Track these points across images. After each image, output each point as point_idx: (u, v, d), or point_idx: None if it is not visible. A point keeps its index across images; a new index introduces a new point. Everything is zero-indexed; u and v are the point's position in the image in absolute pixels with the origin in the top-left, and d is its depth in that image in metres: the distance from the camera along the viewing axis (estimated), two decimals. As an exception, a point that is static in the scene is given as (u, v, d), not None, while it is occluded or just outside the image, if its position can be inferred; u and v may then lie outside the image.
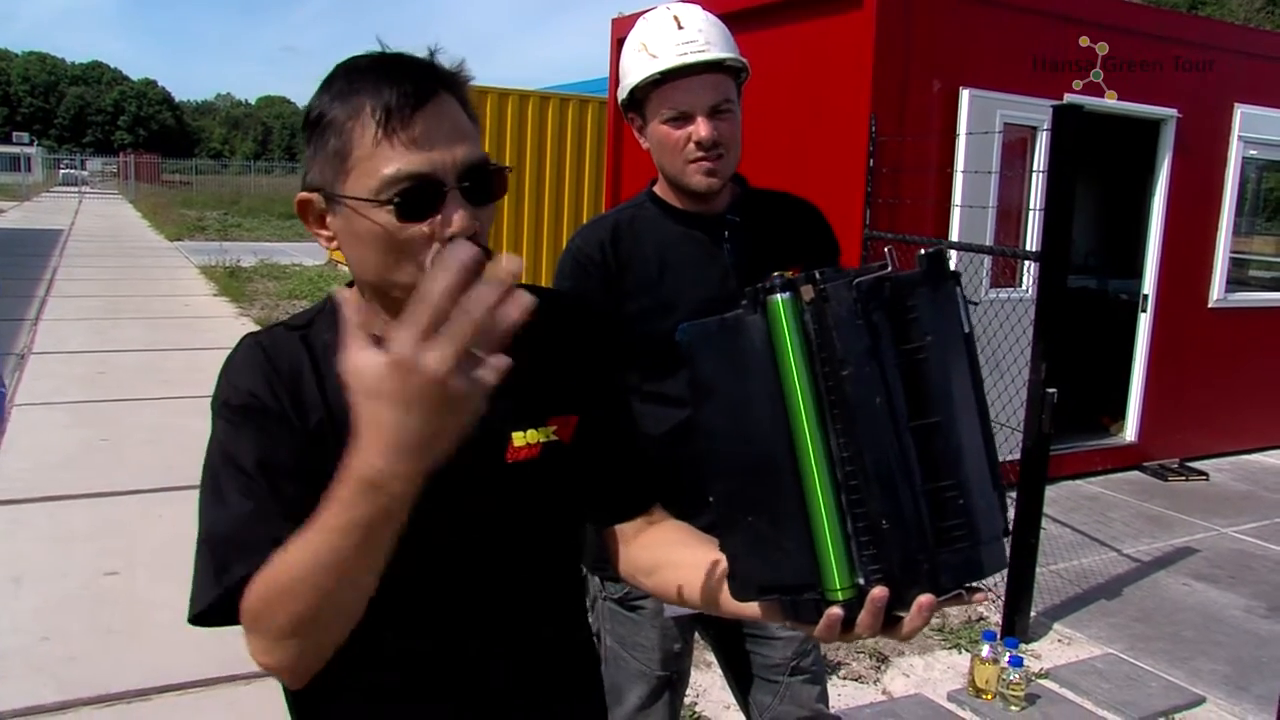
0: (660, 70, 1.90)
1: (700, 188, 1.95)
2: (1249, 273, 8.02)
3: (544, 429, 1.25)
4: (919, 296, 0.93)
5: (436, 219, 1.08)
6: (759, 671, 2.11)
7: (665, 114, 1.93)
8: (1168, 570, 5.17)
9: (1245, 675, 3.97)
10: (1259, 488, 6.76)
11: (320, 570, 0.96)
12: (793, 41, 5.81)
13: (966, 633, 4.20)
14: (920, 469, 0.92)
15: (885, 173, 5.40)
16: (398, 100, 1.06)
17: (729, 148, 1.93)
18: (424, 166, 1.06)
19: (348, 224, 1.12)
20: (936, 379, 0.93)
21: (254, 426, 1.15)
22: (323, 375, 1.18)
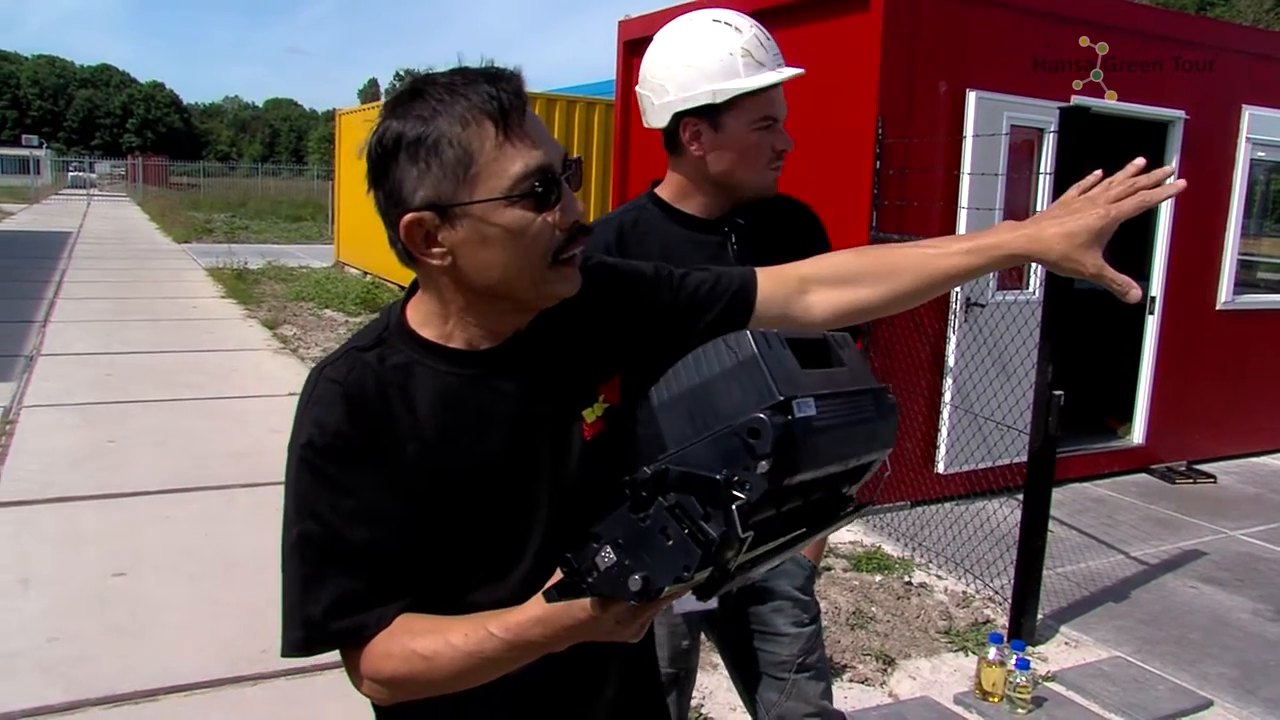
0: (773, 81, 1.98)
1: (771, 191, 2.06)
2: (1257, 275, 7.99)
3: (600, 404, 1.29)
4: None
5: (558, 208, 1.16)
6: (766, 669, 2.12)
7: (760, 122, 1.99)
8: (1175, 573, 5.15)
9: (1253, 678, 3.95)
10: (1267, 490, 6.74)
11: (467, 675, 1.12)
12: (800, 43, 5.81)
13: (973, 635, 4.20)
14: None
15: (892, 174, 5.39)
16: (510, 103, 1.13)
17: None
18: (546, 159, 1.15)
19: (475, 231, 1.16)
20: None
21: (340, 469, 1.17)
22: (412, 399, 1.21)
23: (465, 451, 1.20)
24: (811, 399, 0.97)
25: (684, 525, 0.90)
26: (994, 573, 4.69)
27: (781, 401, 0.93)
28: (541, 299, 1.22)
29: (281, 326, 11.21)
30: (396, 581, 1.17)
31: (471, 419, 1.21)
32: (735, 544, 0.90)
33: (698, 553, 0.89)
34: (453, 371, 1.22)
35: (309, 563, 1.17)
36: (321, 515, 1.16)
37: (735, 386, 0.96)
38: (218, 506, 5.39)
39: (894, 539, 5.31)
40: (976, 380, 5.53)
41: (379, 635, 1.16)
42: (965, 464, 5.79)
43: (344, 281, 15.12)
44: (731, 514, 0.89)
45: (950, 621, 4.35)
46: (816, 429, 0.96)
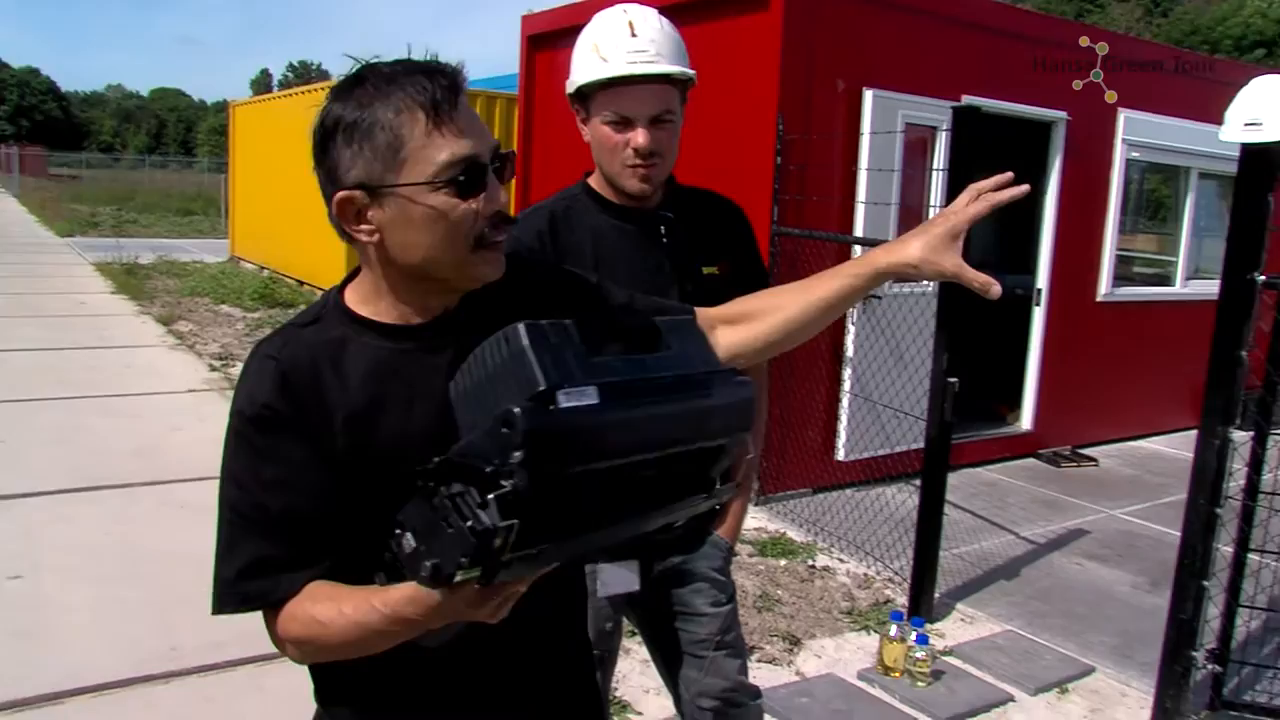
0: (608, 76, 1.95)
1: (633, 191, 2.03)
2: (1134, 269, 8.40)
3: None
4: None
5: (481, 197, 1.22)
6: (686, 647, 2.19)
7: (607, 116, 1.99)
8: (1061, 551, 5.43)
9: (1131, 646, 4.20)
10: (1144, 472, 7.12)
11: (359, 644, 1.18)
12: (701, 41, 5.88)
13: (875, 614, 4.36)
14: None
15: (792, 170, 5.54)
16: (442, 95, 1.19)
17: (665, 156, 2.00)
18: (471, 149, 1.21)
19: (400, 212, 1.22)
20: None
21: (264, 441, 1.24)
22: (344, 372, 1.27)
23: (393, 422, 1.26)
24: (593, 388, 0.99)
25: (463, 514, 0.94)
26: (893, 555, 4.87)
27: (543, 392, 0.95)
28: (464, 280, 1.29)
29: (176, 323, 10.90)
30: (311, 548, 1.24)
31: (401, 391, 1.28)
32: (501, 533, 0.92)
33: (472, 541, 0.93)
34: (384, 345, 1.29)
35: (230, 526, 1.26)
36: (243, 482, 1.25)
37: (510, 378, 0.99)
38: (119, 505, 5.26)
39: (797, 525, 5.46)
40: (874, 370, 5.72)
41: (292, 601, 1.23)
42: (864, 451, 5.99)
43: (240, 276, 14.76)
44: (490, 506, 0.92)
45: (853, 602, 4.51)
46: (592, 418, 0.97)
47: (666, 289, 2.03)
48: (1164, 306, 7.87)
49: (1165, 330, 7.63)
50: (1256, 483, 3.64)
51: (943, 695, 3.73)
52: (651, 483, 1.09)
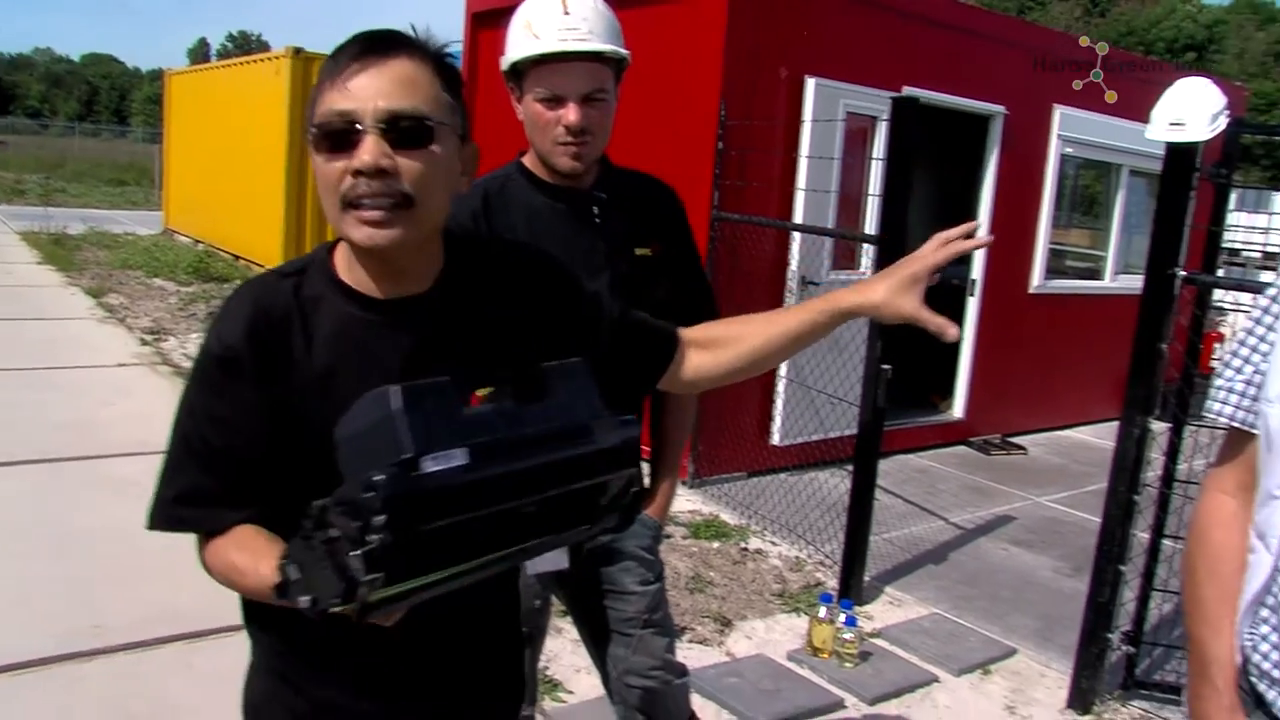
0: (540, 53, 1.96)
1: (564, 169, 2.03)
2: (1066, 262, 8.58)
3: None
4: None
5: (352, 155, 1.21)
6: (614, 626, 2.21)
7: (539, 93, 1.99)
8: (988, 536, 5.55)
9: (1051, 628, 4.32)
10: (1070, 460, 7.31)
11: (263, 599, 1.19)
12: (646, 24, 5.91)
13: (805, 596, 4.43)
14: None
15: (733, 155, 5.57)
16: (346, 58, 1.22)
17: (596, 134, 2.01)
18: (347, 106, 1.21)
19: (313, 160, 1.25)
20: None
21: (221, 379, 1.28)
22: (310, 329, 1.29)
23: (344, 390, 1.25)
24: (462, 450, 1.03)
25: (335, 561, 0.99)
26: (825, 538, 4.94)
27: (407, 460, 1.00)
28: (346, 239, 1.29)
29: (107, 295, 10.64)
30: (244, 491, 1.28)
31: (360, 360, 1.29)
32: (366, 584, 0.98)
33: (341, 586, 0.99)
34: (353, 312, 1.31)
35: (175, 450, 1.32)
36: (195, 412, 1.31)
37: (381, 440, 1.03)
38: (45, 481, 5.14)
39: (731, 508, 5.52)
40: (810, 356, 5.79)
41: (222, 536, 1.29)
42: (799, 436, 6.06)
43: (174, 250, 14.45)
44: (356, 559, 0.98)
45: (784, 584, 4.58)
46: (457, 479, 1.02)
47: (600, 270, 2.04)
48: (1094, 300, 8.06)
49: (1094, 323, 7.81)
50: (1172, 471, 3.76)
51: (869, 676, 3.81)
52: (533, 518, 1.14)
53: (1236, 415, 1.44)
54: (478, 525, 1.06)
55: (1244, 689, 1.39)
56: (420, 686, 1.40)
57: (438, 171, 1.26)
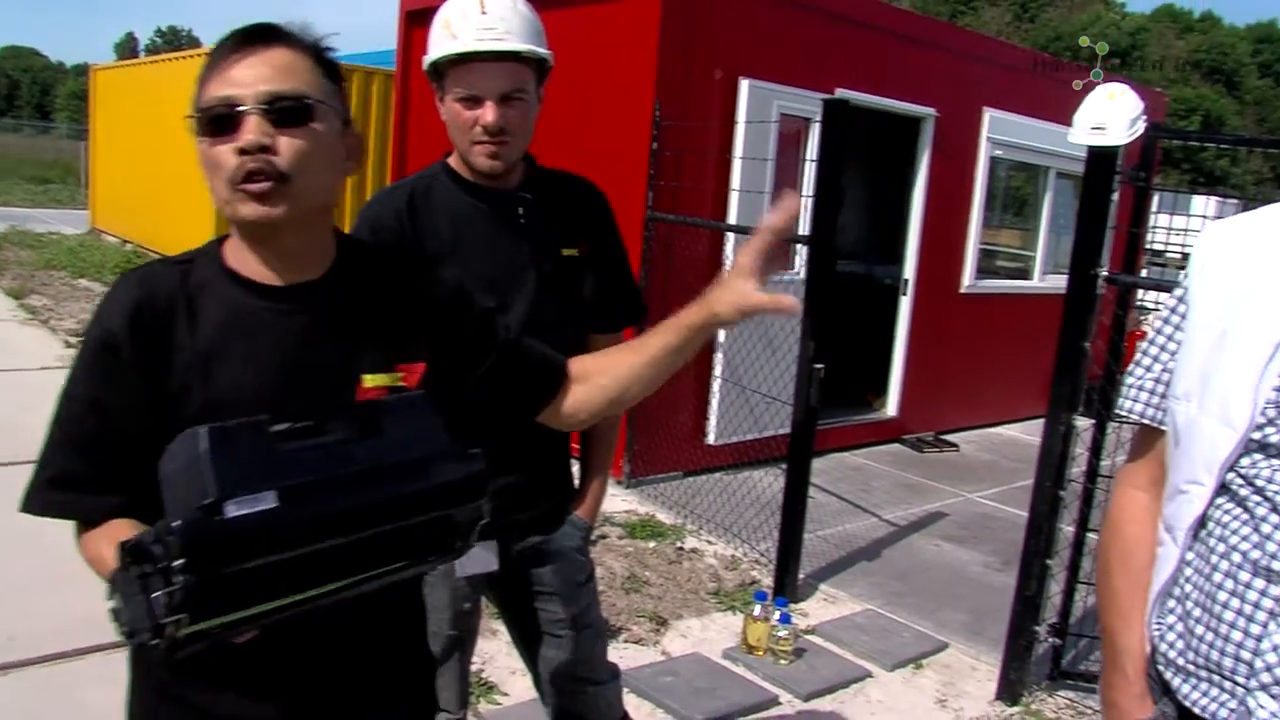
0: (456, 52, 1.95)
1: (483, 169, 2.03)
2: (997, 262, 8.73)
3: (392, 374, 1.38)
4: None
5: (233, 138, 1.24)
6: (545, 627, 2.20)
7: (458, 93, 1.99)
8: (921, 533, 5.63)
9: (981, 622, 4.39)
10: (1000, 457, 7.44)
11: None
12: (581, 25, 5.91)
13: (741, 595, 4.45)
14: None
15: (668, 156, 5.58)
16: (226, 50, 1.26)
17: (516, 134, 2.00)
18: (227, 91, 1.24)
19: (197, 146, 1.27)
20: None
21: (101, 365, 1.29)
22: (196, 314, 1.30)
23: (228, 374, 1.29)
24: (272, 492, 1.04)
25: (146, 598, 1.00)
26: (760, 537, 4.97)
27: (210, 504, 1.01)
28: (235, 221, 1.31)
29: (29, 296, 10.35)
30: (118, 477, 1.28)
31: (245, 347, 1.30)
32: (171, 624, 0.99)
33: (149, 623, 1.00)
34: (241, 298, 1.32)
35: (53, 434, 1.33)
36: (74, 395, 1.32)
37: (190, 481, 1.05)
38: (-43, 488, 4.98)
39: (667, 507, 5.53)
40: (744, 355, 5.82)
41: (98, 528, 1.29)
42: (734, 435, 6.10)
43: (101, 250, 14.10)
44: (157, 600, 0.99)
45: (719, 583, 4.59)
46: (263, 522, 1.03)
47: (524, 270, 2.03)
48: (1023, 299, 8.21)
49: (1023, 322, 7.96)
50: (1096, 467, 3.85)
51: (804, 672, 3.84)
52: (372, 550, 1.14)
53: (1146, 412, 1.47)
54: (302, 561, 1.06)
55: (1152, 677, 1.43)
56: (314, 696, 1.38)
57: (319, 149, 1.29)
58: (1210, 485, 1.30)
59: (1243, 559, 1.27)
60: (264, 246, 1.32)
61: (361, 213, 2.10)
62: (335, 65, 1.36)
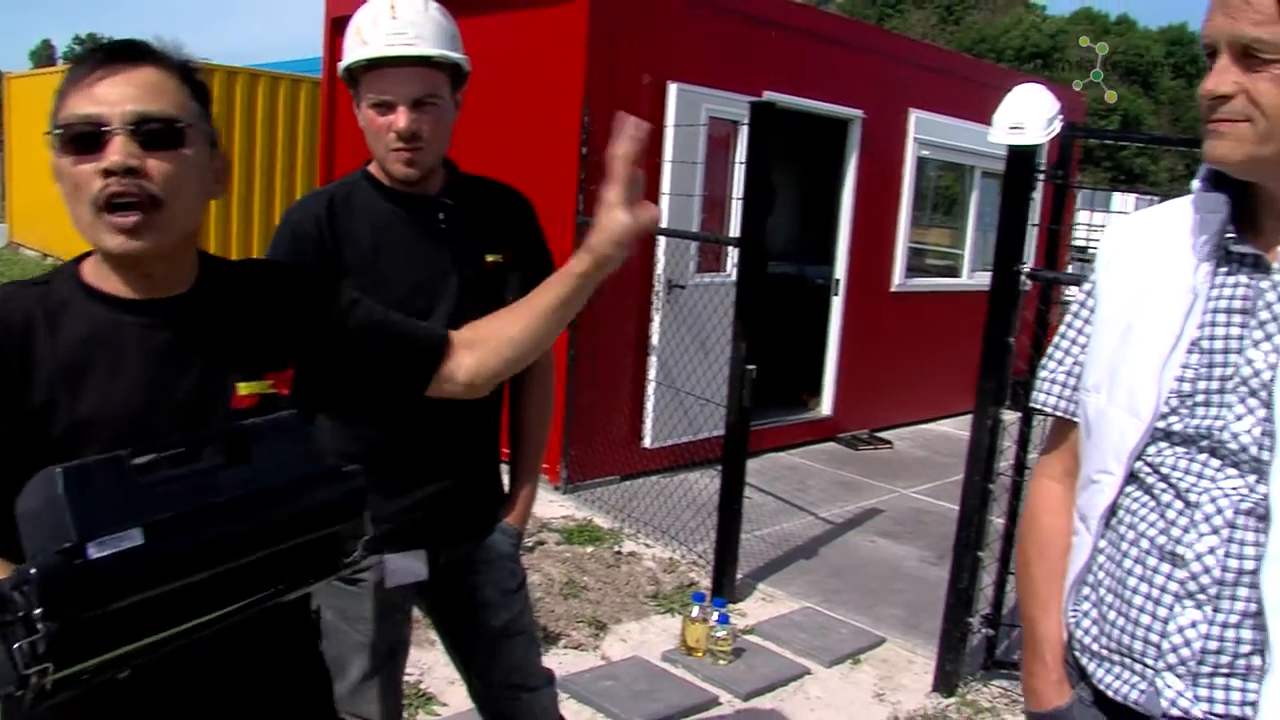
0: (367, 58, 1.95)
1: (398, 175, 2.02)
2: (927, 261, 8.87)
3: (262, 383, 1.35)
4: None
5: (97, 159, 1.21)
6: (477, 635, 2.18)
7: (371, 99, 1.98)
8: (857, 530, 5.69)
9: (917, 616, 4.45)
10: (933, 453, 7.55)
11: None
12: (509, 30, 5.89)
13: (679, 597, 4.46)
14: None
15: (597, 160, 5.55)
16: (91, 65, 1.23)
17: (430, 140, 1.99)
18: (89, 109, 1.21)
19: (54, 164, 1.24)
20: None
21: None
22: (58, 333, 1.26)
23: (94, 389, 1.25)
24: (137, 529, 1.01)
25: (6, 644, 0.96)
26: (697, 538, 4.99)
27: (70, 547, 0.98)
28: (100, 247, 1.28)
29: (-58, 314, 10.03)
30: None
31: (111, 361, 1.27)
32: (35, 674, 0.96)
33: (11, 673, 0.96)
34: (103, 313, 1.29)
35: None
36: None
37: (47, 523, 1.02)
38: None
39: (604, 512, 5.53)
40: (679, 358, 5.84)
41: None
42: (670, 438, 6.11)
43: (19, 263, 13.75)
44: (19, 650, 0.95)
45: (658, 586, 4.60)
46: (128, 561, 1.00)
47: (446, 275, 2.03)
48: (952, 296, 8.35)
49: (953, 318, 8.07)
50: (1023, 459, 3.92)
51: (743, 672, 3.86)
52: (253, 576, 1.12)
53: (1059, 405, 1.51)
54: (174, 596, 1.04)
55: (1070, 663, 1.46)
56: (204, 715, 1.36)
57: (188, 173, 1.27)
58: (1120, 474, 1.34)
59: (1150, 545, 1.30)
60: (126, 269, 1.30)
61: (283, 218, 2.09)
62: (204, 86, 1.34)
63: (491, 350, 1.55)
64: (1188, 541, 1.26)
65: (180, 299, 1.33)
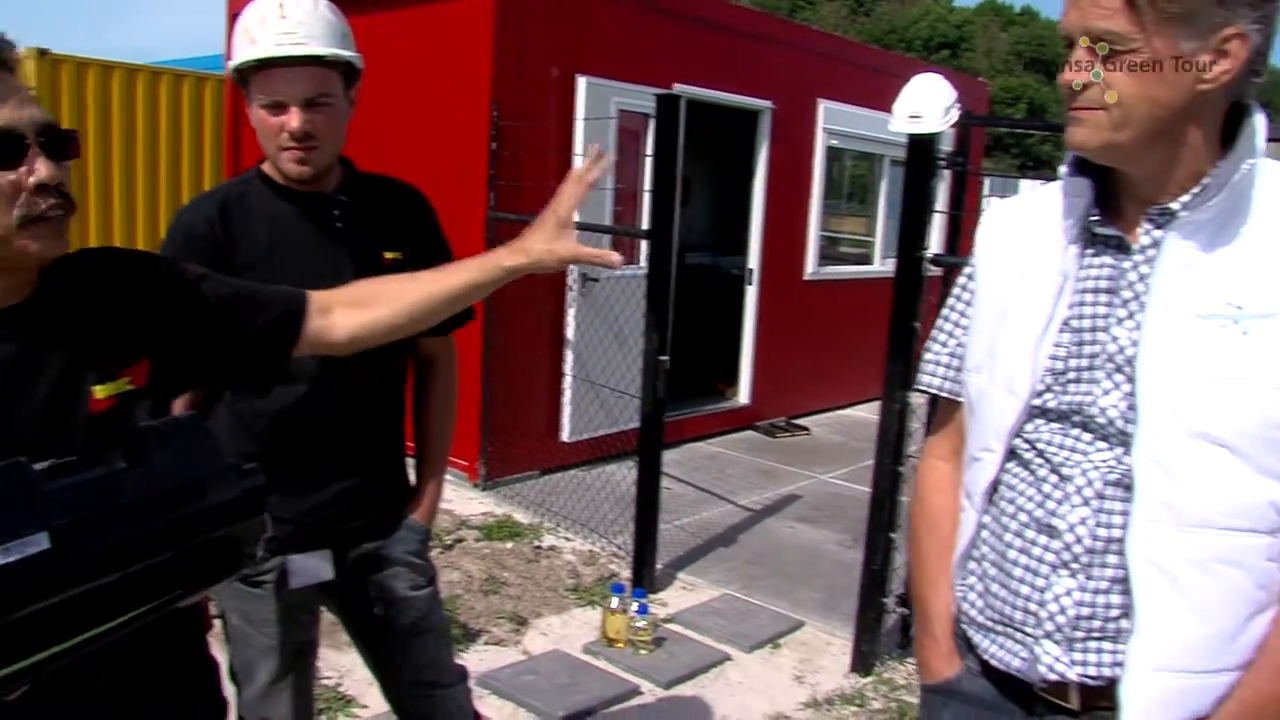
0: (256, 58, 1.91)
1: (292, 174, 2.00)
2: (840, 249, 8.99)
3: (119, 382, 1.32)
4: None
5: (22, 170, 1.18)
6: (387, 633, 2.17)
7: (262, 99, 1.95)
8: (776, 516, 5.77)
9: (835, 598, 4.53)
10: (849, 438, 7.68)
11: None
12: (414, 25, 5.83)
13: (599, 589, 4.47)
14: None
15: (507, 156, 5.56)
16: None
17: (324, 139, 1.97)
18: (3, 122, 1.17)
19: None
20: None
21: None
22: None
23: None
24: (43, 534, 1.01)
25: None
26: (617, 530, 5.01)
27: None
28: (13, 256, 1.24)
29: None
30: None
31: None
32: None
33: None
34: None
35: None
36: None
37: None
38: None
39: (524, 507, 5.52)
40: (594, 351, 5.85)
41: None
42: (588, 431, 6.12)
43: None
44: None
45: (578, 579, 4.61)
46: (33, 568, 0.99)
47: (343, 274, 2.00)
48: (864, 283, 8.48)
49: (865, 305, 8.17)
50: (932, 441, 4.00)
51: (664, 661, 3.89)
52: (157, 577, 1.12)
53: (944, 385, 1.55)
54: (81, 601, 1.03)
55: (959, 636, 1.50)
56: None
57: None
58: (1000, 451, 1.39)
59: (1029, 518, 1.35)
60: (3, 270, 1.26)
61: (175, 218, 2.06)
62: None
63: (385, 312, 1.54)
64: (1061, 513, 1.31)
65: (19, 309, 1.28)
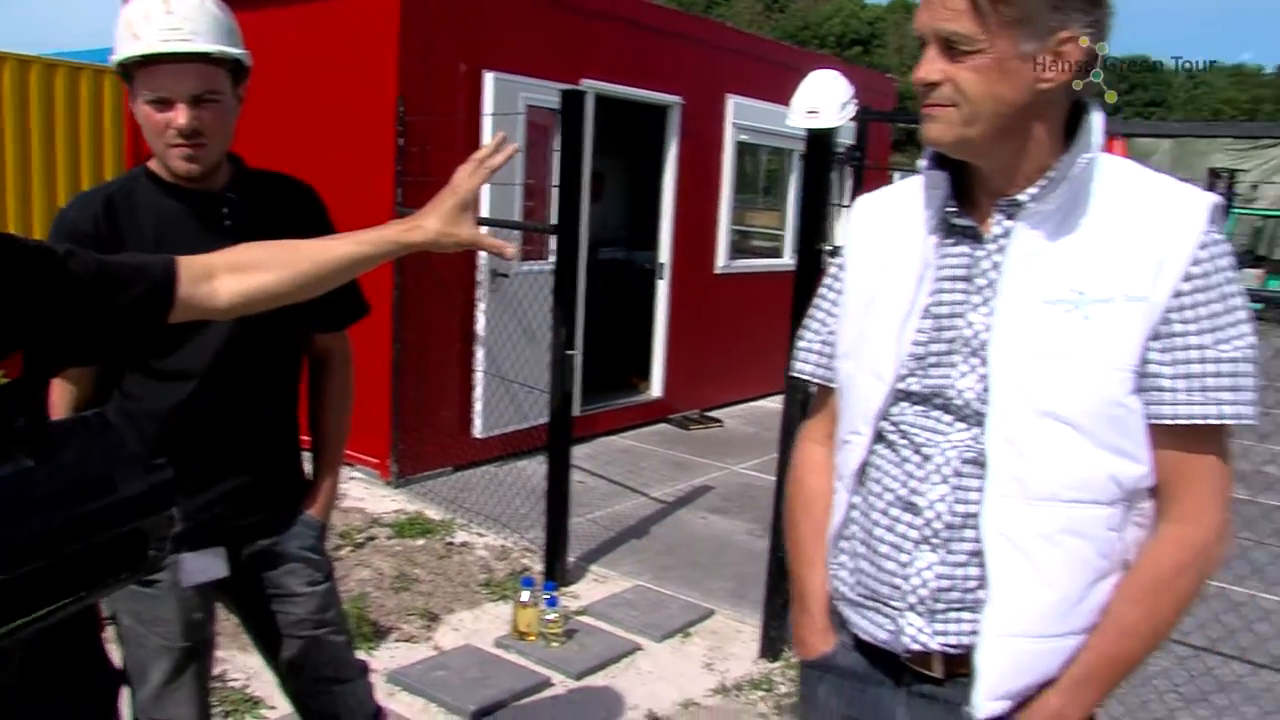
0: (141, 54, 1.89)
1: (180, 172, 1.98)
2: (752, 242, 9.10)
3: None
4: None
5: None
6: (285, 630, 2.16)
7: (147, 95, 1.92)
8: (688, 507, 5.84)
9: (745, 587, 4.60)
10: (761, 429, 7.78)
11: None
12: (318, 20, 5.76)
13: (511, 584, 4.48)
14: None
15: (414, 151, 5.53)
16: None
17: (212, 136, 1.95)
18: None
19: None
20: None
21: None
22: None
23: None
24: None
25: None
26: (529, 525, 5.03)
27: None
28: None
29: None
30: None
31: None
32: None
33: None
34: None
35: None
36: None
37: None
38: None
39: (436, 504, 5.50)
40: (505, 347, 5.86)
41: None
42: (500, 427, 6.12)
43: None
44: None
45: (490, 574, 4.62)
46: None
47: None
48: (775, 276, 8.57)
49: (776, 297, 8.22)
50: (833, 430, 4.10)
51: (575, 652, 3.92)
52: (63, 575, 1.13)
53: (817, 372, 1.61)
54: None
55: (834, 613, 1.57)
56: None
57: None
58: (868, 434, 1.45)
59: (894, 497, 1.42)
60: None
61: (59, 216, 2.02)
62: None
63: (270, 278, 1.53)
64: (923, 491, 1.38)
65: None
